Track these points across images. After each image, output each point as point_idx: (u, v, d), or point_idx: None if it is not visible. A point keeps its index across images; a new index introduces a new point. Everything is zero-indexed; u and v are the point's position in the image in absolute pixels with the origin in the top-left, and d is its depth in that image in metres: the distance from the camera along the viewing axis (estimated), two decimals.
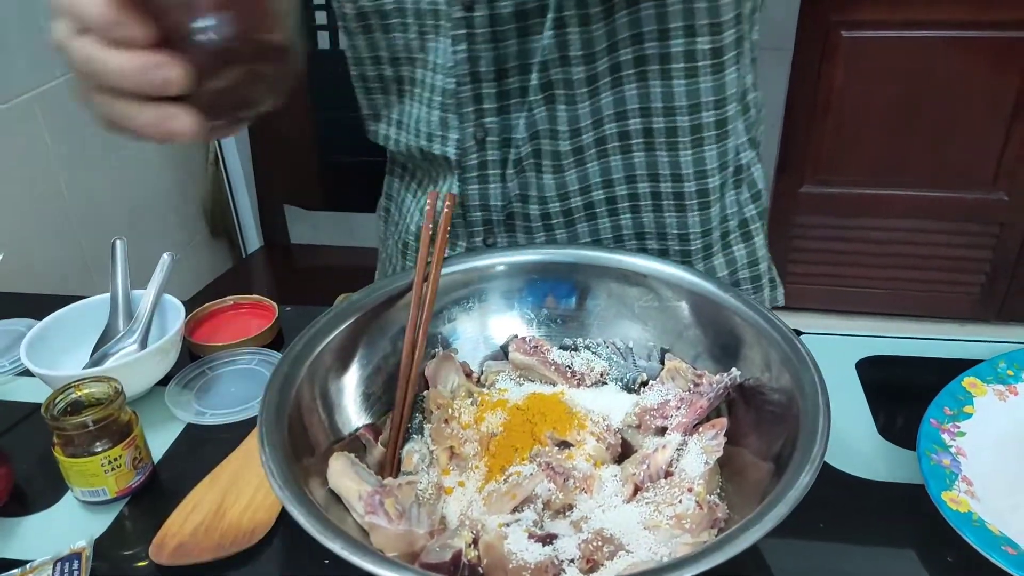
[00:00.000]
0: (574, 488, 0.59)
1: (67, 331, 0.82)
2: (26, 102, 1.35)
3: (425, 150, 0.81)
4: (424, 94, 0.79)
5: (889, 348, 0.82)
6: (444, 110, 0.77)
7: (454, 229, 0.84)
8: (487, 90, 0.75)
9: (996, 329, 2.31)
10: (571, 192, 0.81)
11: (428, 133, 0.80)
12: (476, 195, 0.80)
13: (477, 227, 0.83)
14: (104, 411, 0.64)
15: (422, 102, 0.80)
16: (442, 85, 0.76)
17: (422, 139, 0.81)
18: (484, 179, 0.79)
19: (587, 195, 0.81)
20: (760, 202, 0.90)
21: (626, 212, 0.83)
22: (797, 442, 0.53)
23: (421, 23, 0.75)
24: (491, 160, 0.78)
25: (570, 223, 0.83)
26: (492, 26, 0.71)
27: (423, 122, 0.80)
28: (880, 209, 2.18)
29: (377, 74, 0.83)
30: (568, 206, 0.81)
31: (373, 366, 0.68)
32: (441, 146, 0.79)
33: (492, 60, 0.73)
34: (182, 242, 1.87)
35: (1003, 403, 0.69)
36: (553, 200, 0.81)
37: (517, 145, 0.77)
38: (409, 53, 0.78)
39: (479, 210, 0.81)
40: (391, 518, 0.55)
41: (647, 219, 0.83)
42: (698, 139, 0.77)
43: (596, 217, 0.83)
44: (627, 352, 0.73)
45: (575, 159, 0.79)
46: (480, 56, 0.73)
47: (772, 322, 0.64)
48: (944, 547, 0.59)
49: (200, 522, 0.64)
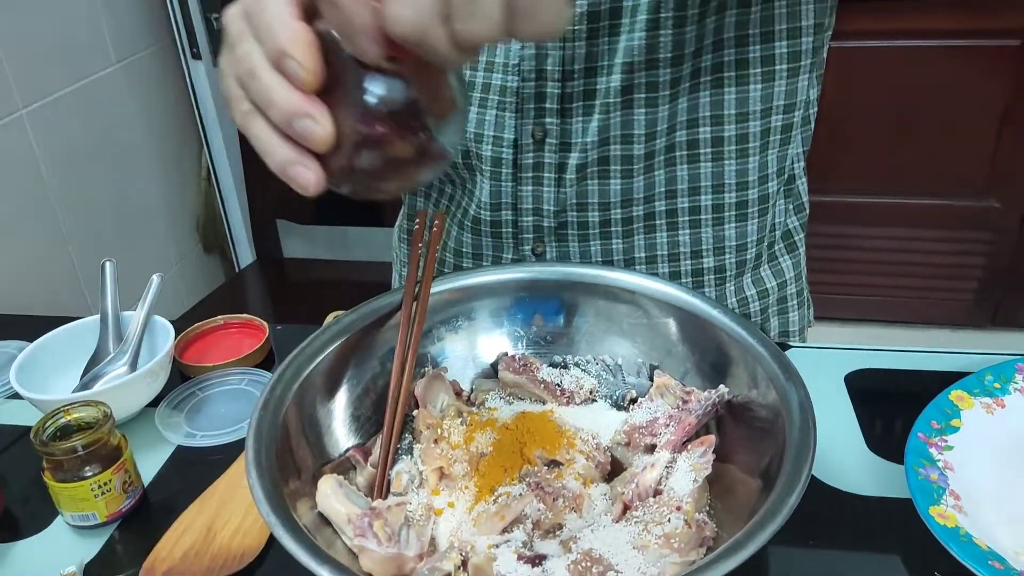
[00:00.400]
0: (563, 507, 0.60)
1: (57, 353, 0.82)
2: (17, 120, 1.36)
3: (469, 151, 0.80)
4: (475, 94, 0.78)
5: (878, 361, 0.82)
6: (501, 109, 0.76)
7: (501, 240, 0.84)
8: (551, 90, 0.74)
9: (991, 336, 2.32)
10: (636, 200, 0.80)
11: (476, 134, 0.79)
12: (529, 197, 0.80)
13: (527, 234, 0.82)
14: (93, 435, 0.65)
15: (471, 102, 0.78)
16: (500, 83, 0.75)
17: (468, 140, 0.79)
18: (539, 181, 0.79)
19: (650, 204, 0.81)
20: (803, 214, 0.91)
21: (685, 226, 0.83)
22: (784, 460, 0.54)
23: None
24: (547, 163, 0.78)
25: (628, 233, 0.82)
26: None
27: (471, 122, 0.79)
28: (873, 217, 2.19)
29: None
30: (630, 214, 0.81)
31: (362, 387, 0.68)
32: (493, 147, 0.78)
33: (559, 60, 0.73)
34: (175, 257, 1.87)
35: (990, 416, 0.69)
36: (616, 207, 0.80)
37: (584, 149, 0.76)
38: None
39: (532, 214, 0.81)
40: (380, 541, 0.55)
41: (706, 234, 0.84)
42: (765, 143, 0.79)
43: (655, 230, 0.83)
44: (616, 369, 0.73)
45: (645, 164, 0.78)
46: (548, 54, 0.73)
47: (759, 338, 0.64)
48: (932, 562, 0.60)
49: (190, 546, 0.64)
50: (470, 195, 0.84)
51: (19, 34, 1.35)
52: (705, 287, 0.87)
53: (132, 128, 1.69)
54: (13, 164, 1.36)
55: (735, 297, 0.88)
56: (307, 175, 0.43)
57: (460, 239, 0.87)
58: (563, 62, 0.73)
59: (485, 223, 0.83)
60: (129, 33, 1.67)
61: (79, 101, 1.51)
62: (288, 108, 0.41)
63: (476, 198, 0.83)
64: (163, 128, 1.82)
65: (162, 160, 1.81)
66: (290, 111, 0.41)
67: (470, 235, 0.85)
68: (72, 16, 1.49)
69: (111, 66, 1.61)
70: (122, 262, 0.86)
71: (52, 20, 1.43)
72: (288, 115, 0.41)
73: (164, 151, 1.82)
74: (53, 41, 1.44)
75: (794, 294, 0.93)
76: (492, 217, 0.83)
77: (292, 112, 0.41)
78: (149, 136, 1.75)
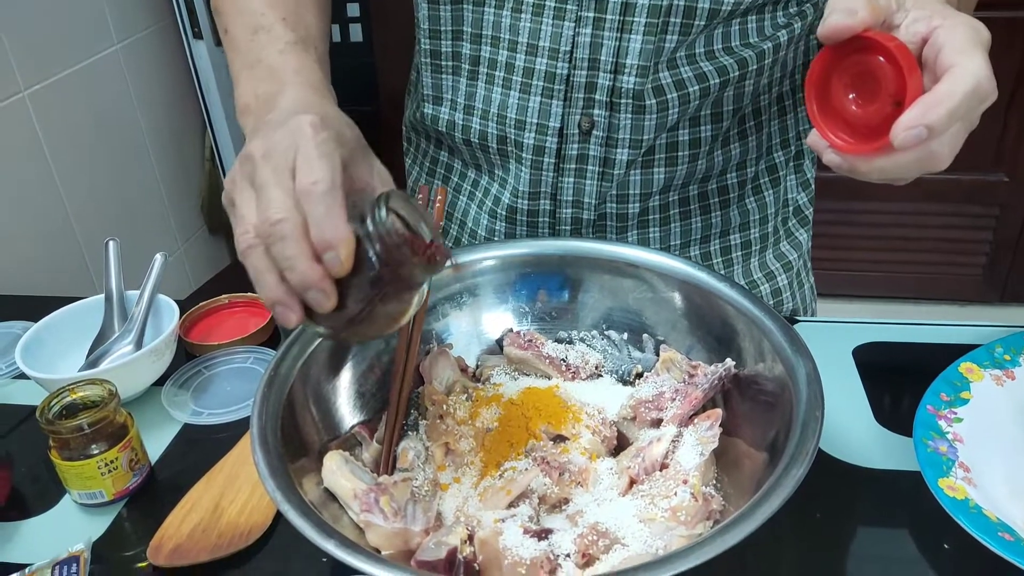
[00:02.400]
0: (570, 482, 0.59)
1: (63, 333, 0.82)
2: (20, 101, 1.35)
3: (507, 138, 0.78)
4: (516, 78, 0.76)
5: (886, 334, 0.82)
6: (547, 96, 0.75)
7: (536, 229, 0.82)
8: (603, 81, 0.73)
9: (999, 311, 2.30)
10: (675, 187, 0.80)
11: (518, 120, 0.77)
12: (571, 189, 0.78)
13: (565, 226, 0.81)
14: (99, 413, 0.65)
15: (511, 87, 0.76)
16: (546, 68, 0.74)
17: (508, 126, 0.77)
18: (582, 173, 0.78)
19: (685, 189, 0.81)
20: (810, 190, 0.92)
21: (716, 207, 0.83)
22: (791, 432, 0.53)
23: (519, 0, 0.72)
24: (592, 155, 0.76)
25: (665, 220, 0.82)
26: (624, 15, 0.70)
27: (512, 108, 0.77)
28: (880, 192, 2.16)
29: (453, 51, 0.78)
30: (667, 200, 0.81)
31: (367, 363, 0.68)
32: (536, 135, 0.76)
33: (613, 51, 0.72)
34: (180, 238, 1.87)
35: (1000, 388, 0.69)
36: (655, 196, 0.80)
37: (635, 145, 0.75)
38: (497, 32, 0.75)
39: (571, 206, 0.79)
40: (387, 516, 0.55)
41: (733, 212, 0.84)
42: (781, 108, 0.81)
43: (690, 215, 0.83)
44: (622, 344, 0.72)
45: (690, 152, 0.78)
46: (603, 44, 0.72)
47: (766, 310, 0.63)
48: (942, 534, 0.59)
49: (197, 523, 0.64)
50: (501, 182, 0.82)
51: (20, 15, 1.34)
52: (735, 264, 0.87)
53: (135, 108, 1.68)
54: (16, 146, 1.35)
55: (761, 271, 0.88)
56: (291, 317, 0.49)
57: (491, 227, 0.85)
58: (617, 53, 0.72)
59: (521, 212, 0.81)
60: (130, 13, 1.66)
61: (81, 82, 1.50)
62: (309, 281, 0.47)
63: (511, 186, 0.80)
64: (166, 108, 1.81)
65: (165, 140, 1.80)
66: (309, 284, 0.47)
67: (504, 223, 0.83)
68: None
69: (112, 46, 1.60)
70: (127, 243, 0.86)
71: (52, 1, 1.42)
72: (306, 285, 0.48)
73: (167, 131, 1.81)
74: (54, 22, 1.43)
75: (810, 269, 0.94)
76: (530, 206, 0.81)
77: (311, 285, 0.47)
78: (152, 116, 1.74)
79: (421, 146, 0.91)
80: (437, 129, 0.84)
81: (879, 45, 0.50)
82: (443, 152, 0.89)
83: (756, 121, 0.81)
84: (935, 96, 0.47)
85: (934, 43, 0.49)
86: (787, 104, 0.83)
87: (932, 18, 0.50)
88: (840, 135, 0.53)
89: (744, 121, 0.80)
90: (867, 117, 0.51)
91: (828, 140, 0.53)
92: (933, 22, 0.50)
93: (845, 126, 0.53)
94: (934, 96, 0.47)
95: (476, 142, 0.81)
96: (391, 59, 1.86)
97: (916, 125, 0.47)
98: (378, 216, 0.48)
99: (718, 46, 0.74)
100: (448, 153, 0.88)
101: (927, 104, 0.47)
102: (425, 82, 0.82)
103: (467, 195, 0.87)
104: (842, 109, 0.53)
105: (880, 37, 0.50)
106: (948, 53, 0.48)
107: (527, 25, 0.73)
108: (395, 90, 1.70)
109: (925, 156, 0.49)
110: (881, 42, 0.49)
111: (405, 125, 0.94)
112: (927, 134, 0.47)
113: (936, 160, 0.50)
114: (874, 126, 0.51)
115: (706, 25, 0.71)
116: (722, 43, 0.74)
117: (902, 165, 0.50)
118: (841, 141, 0.52)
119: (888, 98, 0.50)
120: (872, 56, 0.50)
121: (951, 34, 0.49)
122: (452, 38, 0.78)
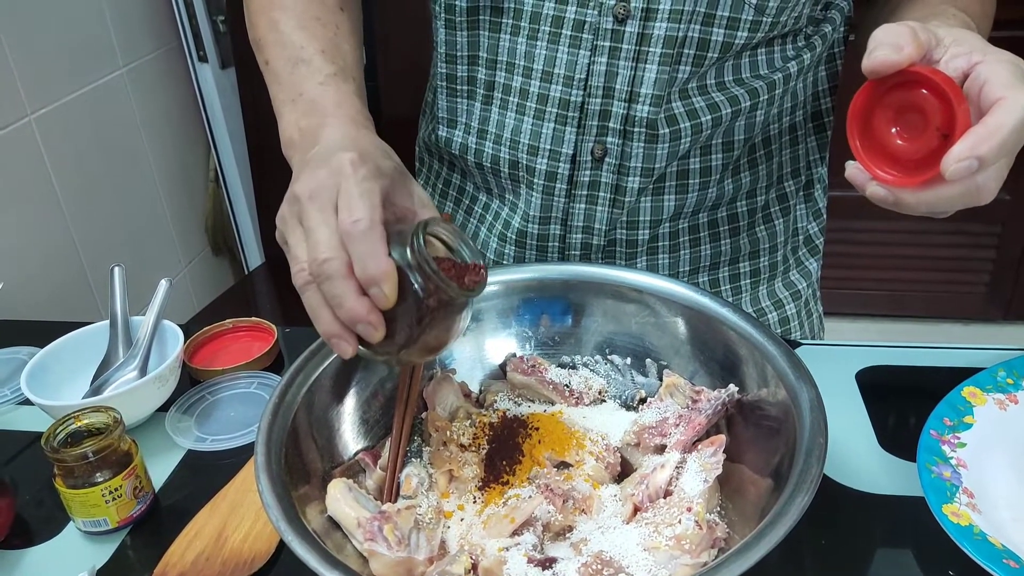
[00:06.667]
0: (573, 509, 0.59)
1: (68, 359, 0.82)
2: (26, 125, 1.36)
3: (519, 163, 0.78)
4: (530, 104, 0.76)
5: (889, 358, 0.82)
6: (560, 123, 0.75)
7: (546, 254, 0.82)
8: (617, 109, 0.74)
9: (1003, 329, 2.30)
10: (685, 214, 0.80)
11: (531, 146, 0.77)
12: (581, 215, 0.79)
13: (574, 251, 0.81)
14: (104, 441, 0.65)
15: (525, 112, 0.77)
16: (560, 95, 0.74)
17: (521, 152, 0.78)
18: (593, 200, 0.78)
19: (695, 216, 0.81)
20: (821, 219, 0.92)
21: (726, 235, 0.84)
22: (795, 459, 0.53)
23: (535, 28, 0.73)
24: (604, 182, 0.77)
25: (675, 248, 0.82)
26: (639, 45, 0.71)
27: (525, 133, 0.77)
28: (882, 211, 2.16)
29: (468, 75, 0.79)
30: (677, 227, 0.81)
31: (371, 390, 0.68)
32: (549, 160, 0.76)
33: (628, 80, 0.72)
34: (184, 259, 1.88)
35: (1003, 412, 0.69)
36: (665, 223, 0.80)
37: (646, 174, 0.76)
38: (512, 58, 0.75)
39: (581, 232, 0.80)
40: (391, 545, 0.55)
41: (743, 240, 0.84)
42: (793, 137, 0.82)
43: (700, 242, 0.83)
44: (625, 369, 0.73)
45: (701, 180, 0.78)
46: (618, 72, 0.72)
47: (769, 336, 0.63)
48: (947, 561, 0.59)
49: (201, 551, 0.64)
50: (512, 206, 0.82)
51: (27, 40, 1.36)
52: (743, 292, 0.87)
53: (140, 132, 1.69)
54: (22, 169, 1.36)
55: (770, 300, 0.88)
56: (347, 348, 0.54)
57: (501, 251, 0.85)
58: (632, 82, 0.72)
59: (531, 236, 0.81)
60: (136, 37, 1.67)
61: (87, 105, 1.51)
62: (356, 315, 0.52)
63: (522, 210, 0.81)
64: (171, 131, 1.82)
65: (170, 163, 1.81)
66: (357, 318, 0.52)
67: (513, 247, 0.83)
68: (79, 21, 1.50)
69: (118, 70, 1.61)
70: (131, 266, 0.86)
71: (59, 25, 1.43)
72: (355, 320, 0.52)
73: (172, 154, 1.82)
74: (60, 46, 1.44)
75: (819, 298, 0.94)
76: (540, 231, 0.81)
77: (359, 319, 0.52)
78: (157, 139, 1.75)
79: (434, 167, 0.92)
80: (450, 151, 0.85)
81: (925, 79, 0.50)
82: (455, 174, 0.89)
83: (767, 150, 0.81)
84: (986, 128, 0.48)
85: (976, 78, 0.50)
86: (798, 134, 0.84)
87: (972, 54, 0.51)
88: (885, 168, 0.53)
89: (755, 150, 0.80)
90: (913, 150, 0.51)
91: (873, 174, 0.53)
92: (974, 57, 0.50)
93: (888, 159, 0.53)
94: (985, 128, 0.48)
95: (488, 166, 0.81)
96: (395, 84, 1.88)
97: (968, 157, 0.47)
98: (416, 246, 0.51)
99: (729, 77, 0.75)
100: (460, 176, 0.88)
101: (978, 136, 0.48)
102: (440, 104, 0.83)
103: (478, 218, 0.88)
104: (885, 142, 0.53)
105: (927, 71, 0.50)
106: (994, 87, 0.49)
107: (543, 52, 0.73)
108: (398, 114, 1.70)
109: (972, 189, 0.50)
110: (929, 76, 0.49)
111: (418, 146, 0.95)
112: (978, 165, 0.47)
113: (982, 193, 0.50)
114: (920, 159, 0.51)
115: (719, 58, 0.72)
116: (733, 75, 0.75)
117: (948, 198, 0.51)
118: (886, 175, 0.52)
119: (935, 131, 0.50)
120: (916, 90, 0.51)
121: (994, 69, 0.49)
122: (468, 63, 0.79)
